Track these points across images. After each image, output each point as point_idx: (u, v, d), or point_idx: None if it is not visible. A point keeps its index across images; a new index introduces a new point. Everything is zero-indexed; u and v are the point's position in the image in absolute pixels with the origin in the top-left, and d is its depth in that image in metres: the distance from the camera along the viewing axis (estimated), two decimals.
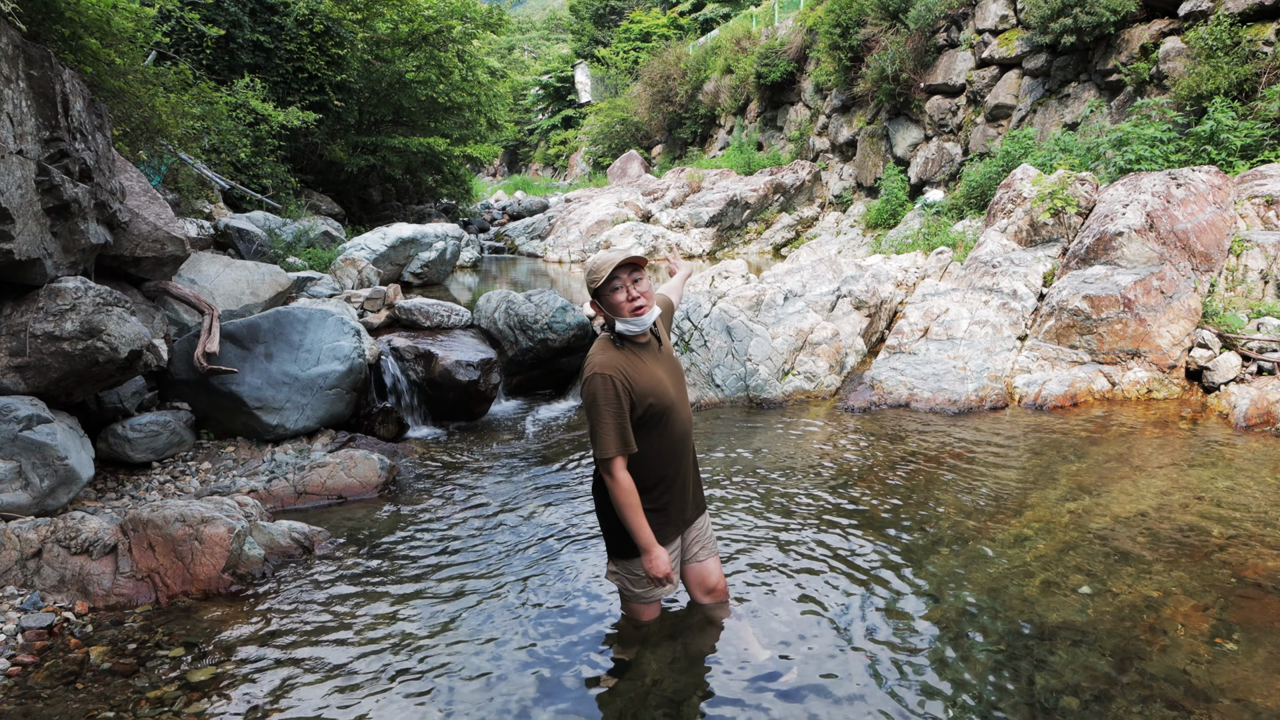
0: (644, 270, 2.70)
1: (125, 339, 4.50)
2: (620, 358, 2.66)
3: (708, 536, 3.09)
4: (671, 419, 2.74)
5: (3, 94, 4.01)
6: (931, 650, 3.14)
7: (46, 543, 3.71)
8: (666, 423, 2.73)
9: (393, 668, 3.11)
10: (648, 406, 2.67)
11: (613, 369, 2.61)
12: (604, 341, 2.71)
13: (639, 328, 2.66)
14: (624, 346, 2.70)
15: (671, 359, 2.84)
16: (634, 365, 2.67)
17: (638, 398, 2.64)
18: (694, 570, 3.07)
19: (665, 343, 2.86)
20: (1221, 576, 3.64)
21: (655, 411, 2.69)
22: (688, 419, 2.85)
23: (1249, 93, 8.89)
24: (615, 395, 2.59)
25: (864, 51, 15.27)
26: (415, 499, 4.93)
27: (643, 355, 2.72)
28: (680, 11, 33.60)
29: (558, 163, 38.78)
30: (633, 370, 2.65)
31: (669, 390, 2.74)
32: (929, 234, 11.42)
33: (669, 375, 2.78)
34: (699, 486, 3.04)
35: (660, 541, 2.82)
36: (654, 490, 2.80)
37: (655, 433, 2.73)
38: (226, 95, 10.56)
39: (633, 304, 2.62)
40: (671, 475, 2.83)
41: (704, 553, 3.07)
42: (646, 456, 2.75)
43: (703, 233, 17.34)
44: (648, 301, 2.65)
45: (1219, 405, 5.98)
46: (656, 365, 2.75)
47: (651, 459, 2.76)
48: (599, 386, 2.59)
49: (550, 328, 7.07)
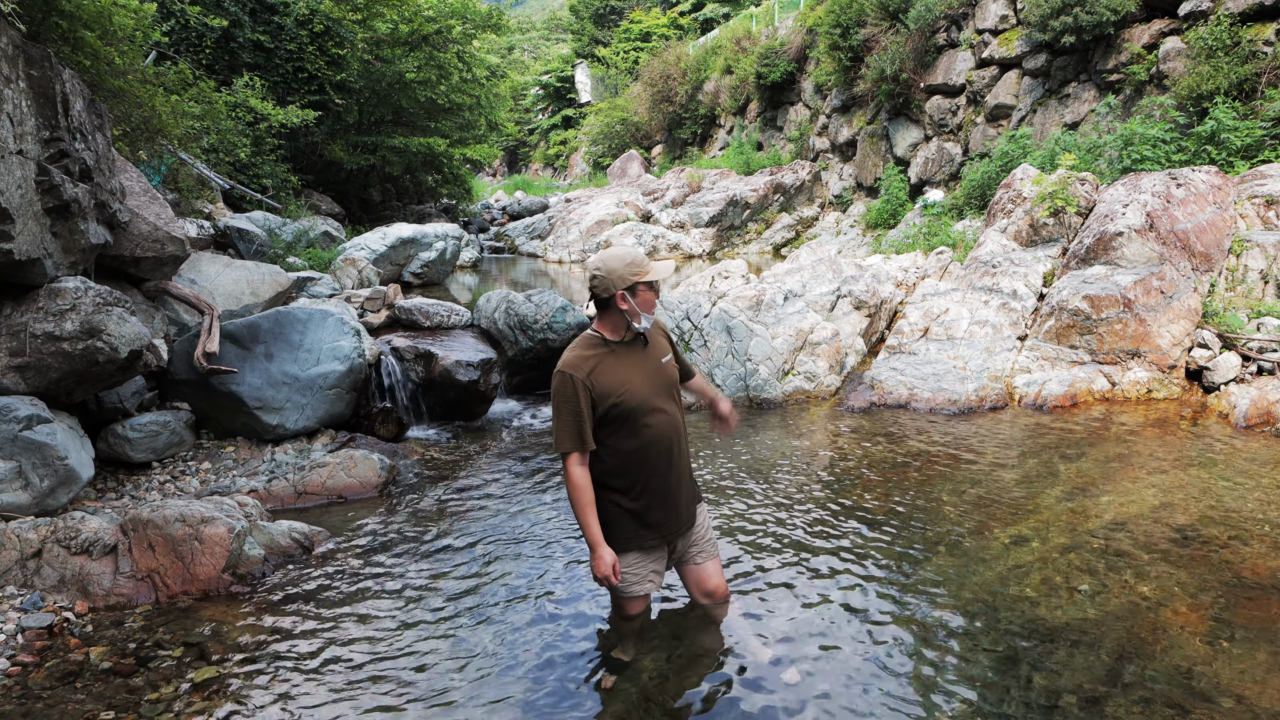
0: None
1: (125, 339, 4.49)
2: (589, 356, 2.73)
3: (706, 540, 3.07)
4: (642, 420, 2.74)
5: (3, 94, 4.01)
6: (932, 650, 3.14)
7: (46, 543, 3.71)
8: (635, 424, 2.73)
9: (393, 667, 3.11)
10: (610, 406, 2.70)
11: (574, 367, 2.69)
12: (584, 338, 2.80)
13: (648, 323, 2.77)
14: (604, 345, 2.76)
15: (659, 364, 2.84)
16: (603, 364, 2.73)
17: (599, 396, 2.69)
18: (692, 572, 3.06)
19: (657, 347, 2.87)
20: (1221, 576, 3.64)
21: (620, 412, 2.71)
22: (671, 424, 2.82)
23: (1249, 93, 8.89)
24: (574, 393, 2.66)
25: (864, 51, 15.27)
26: (415, 499, 4.93)
27: (621, 355, 2.77)
28: (680, 11, 33.59)
29: (558, 163, 38.77)
30: (600, 369, 2.71)
31: (638, 391, 2.73)
32: (929, 234, 11.42)
33: (646, 378, 2.78)
34: (693, 492, 3.00)
35: (637, 546, 2.85)
36: (630, 492, 2.81)
37: (623, 432, 2.74)
38: (226, 95, 10.55)
39: (653, 305, 2.79)
40: (647, 478, 2.80)
41: (702, 555, 3.05)
42: (618, 456, 2.78)
43: (703, 233, 17.33)
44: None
45: (1219, 405, 5.98)
46: (633, 367, 2.76)
47: (624, 459, 2.78)
48: (559, 384, 2.70)
49: (550, 328, 7.07)
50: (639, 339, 2.83)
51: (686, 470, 2.95)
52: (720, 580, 3.11)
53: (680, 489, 2.90)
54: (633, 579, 2.89)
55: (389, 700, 2.91)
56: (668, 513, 2.88)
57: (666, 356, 2.88)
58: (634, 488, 2.80)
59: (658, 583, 2.98)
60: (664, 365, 2.86)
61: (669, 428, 2.81)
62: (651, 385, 2.79)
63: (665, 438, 2.80)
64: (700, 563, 3.04)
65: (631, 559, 2.87)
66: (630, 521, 2.83)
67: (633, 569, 2.88)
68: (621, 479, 2.80)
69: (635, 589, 2.91)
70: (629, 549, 2.85)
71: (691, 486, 2.99)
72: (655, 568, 2.95)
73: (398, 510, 4.75)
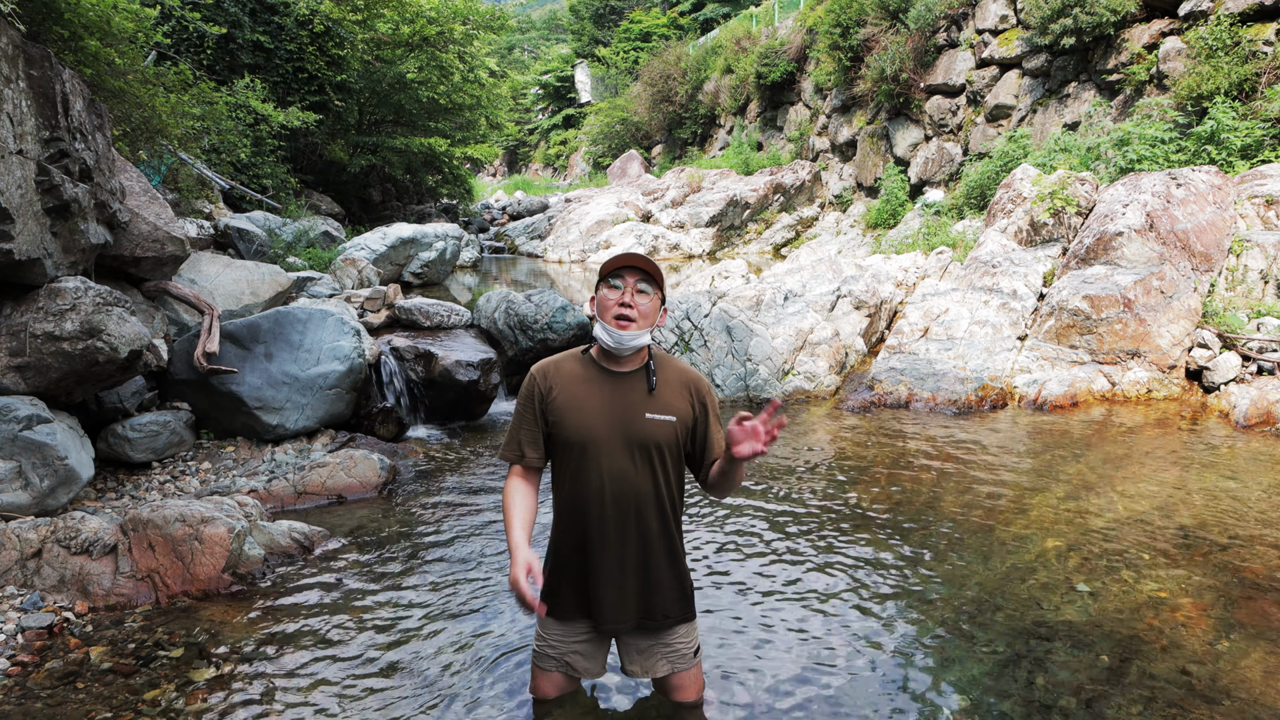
0: (656, 290, 2.27)
1: (125, 339, 4.50)
2: (563, 368, 2.33)
3: (677, 654, 2.43)
4: (590, 465, 2.24)
5: (3, 94, 4.01)
6: (931, 650, 3.14)
7: (46, 543, 3.71)
8: (581, 466, 2.26)
9: (393, 668, 3.11)
10: (556, 428, 2.28)
11: (540, 371, 2.33)
12: (573, 350, 2.40)
13: (612, 340, 2.22)
14: (590, 363, 2.32)
15: (642, 415, 2.26)
16: (574, 380, 2.30)
17: (549, 410, 2.29)
18: (655, 680, 2.55)
19: (661, 401, 2.29)
20: (1221, 576, 3.64)
21: (564, 442, 2.27)
22: (631, 491, 2.25)
23: (1249, 93, 8.89)
24: (529, 396, 2.33)
25: (864, 51, 15.27)
26: (415, 499, 4.93)
27: (601, 381, 2.29)
28: (680, 11, 33.60)
29: (558, 163, 38.78)
30: (565, 384, 2.29)
31: (590, 424, 2.24)
32: (929, 234, 11.43)
33: (612, 418, 2.25)
34: (662, 600, 2.34)
35: (553, 609, 2.35)
36: (559, 547, 2.35)
37: (567, 471, 2.30)
38: (226, 95, 10.55)
39: (619, 309, 2.21)
40: (576, 543, 2.30)
41: (663, 666, 2.43)
42: (560, 498, 2.35)
43: (703, 233, 17.34)
44: (639, 320, 2.21)
45: (1219, 405, 5.98)
46: (603, 397, 2.27)
47: (563, 504, 2.33)
48: (523, 383, 2.37)
49: (550, 328, 7.07)
50: (640, 375, 2.30)
51: (655, 564, 2.32)
52: (695, 691, 2.52)
53: (626, 578, 2.29)
54: (539, 640, 2.45)
55: (389, 700, 2.91)
56: (593, 600, 2.31)
57: (665, 416, 2.26)
58: (558, 550, 2.35)
59: (577, 670, 2.43)
60: (649, 420, 2.25)
61: (626, 494, 2.25)
62: (612, 428, 2.24)
63: (618, 504, 2.25)
64: (661, 674, 2.45)
65: (547, 620, 2.40)
66: (553, 576, 2.36)
67: (544, 627, 2.42)
68: (559, 525, 2.37)
69: (541, 654, 2.45)
70: (546, 600, 2.33)
71: (663, 594, 2.34)
72: (575, 648, 2.40)
73: (398, 510, 4.75)
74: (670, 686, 2.50)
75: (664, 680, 2.49)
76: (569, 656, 2.41)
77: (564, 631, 2.40)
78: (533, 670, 2.50)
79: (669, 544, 2.34)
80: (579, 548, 2.31)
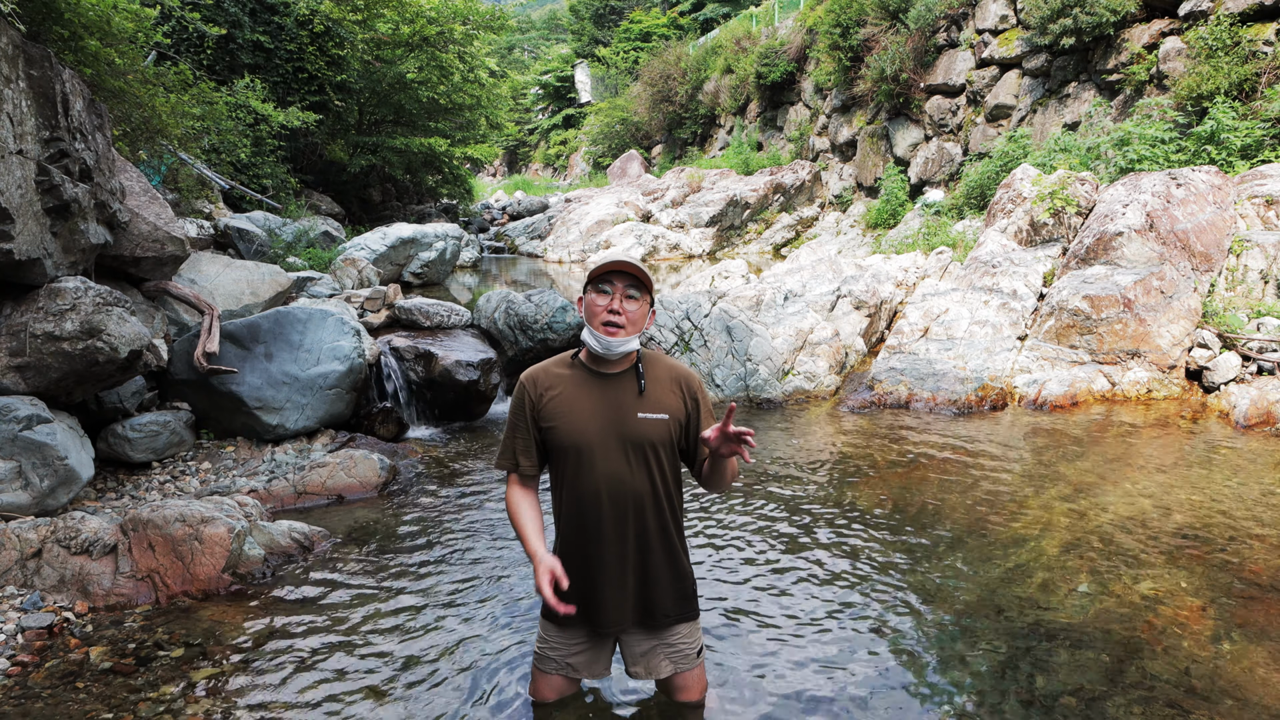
0: (645, 295, 2.28)
1: (125, 339, 4.50)
2: (554, 372, 2.34)
3: (680, 653, 2.46)
4: (586, 468, 2.26)
5: (3, 94, 4.01)
6: (931, 650, 3.14)
7: (46, 543, 3.71)
8: (577, 470, 2.28)
9: (393, 668, 3.11)
10: (550, 434, 2.30)
11: (530, 377, 2.34)
12: (562, 354, 2.42)
13: (600, 347, 2.23)
14: (580, 367, 2.33)
15: (634, 414, 2.27)
16: (565, 385, 2.30)
17: (541, 416, 2.30)
18: (660, 681, 2.57)
19: (652, 400, 2.30)
20: (1221, 576, 3.64)
21: (559, 446, 2.29)
22: (626, 493, 2.27)
23: (1249, 93, 8.89)
24: (520, 404, 2.33)
25: (864, 51, 15.27)
26: (415, 499, 4.93)
27: (590, 384, 2.30)
28: (680, 11, 33.61)
29: (558, 163, 38.78)
30: (558, 389, 2.30)
31: (582, 426, 2.26)
32: (929, 234, 11.43)
33: (606, 420, 2.26)
34: (663, 599, 2.37)
35: (549, 613, 2.40)
36: (562, 550, 2.37)
37: (563, 476, 2.33)
38: (226, 95, 10.55)
39: (608, 315, 2.22)
40: (577, 545, 2.32)
41: (666, 666, 2.46)
42: (560, 501, 2.37)
43: (703, 233, 17.33)
44: (627, 327, 2.23)
45: (1219, 405, 5.98)
46: (594, 399, 2.28)
47: (565, 507, 2.35)
48: (513, 392, 2.37)
49: (550, 328, 7.07)
50: (629, 376, 2.31)
51: (653, 563, 2.34)
52: (698, 691, 2.54)
53: (626, 577, 2.32)
54: (541, 642, 2.49)
55: (389, 700, 2.91)
56: (599, 602, 2.33)
57: (658, 414, 2.28)
58: (564, 550, 2.36)
59: (579, 671, 2.47)
60: (642, 419, 2.27)
61: (623, 494, 2.27)
62: (606, 430, 2.26)
63: (615, 504, 2.27)
64: (665, 674, 2.48)
65: (548, 623, 2.45)
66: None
67: (546, 629, 2.46)
68: (560, 530, 2.39)
69: (541, 656, 2.48)
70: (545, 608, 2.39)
71: (662, 592, 2.37)
72: (577, 650, 2.44)
73: (398, 510, 4.75)
74: (674, 687, 2.51)
75: (667, 681, 2.51)
76: (571, 659, 2.44)
77: (565, 635, 2.43)
78: (533, 672, 2.53)
79: (667, 542, 2.36)
80: (580, 550, 2.33)
